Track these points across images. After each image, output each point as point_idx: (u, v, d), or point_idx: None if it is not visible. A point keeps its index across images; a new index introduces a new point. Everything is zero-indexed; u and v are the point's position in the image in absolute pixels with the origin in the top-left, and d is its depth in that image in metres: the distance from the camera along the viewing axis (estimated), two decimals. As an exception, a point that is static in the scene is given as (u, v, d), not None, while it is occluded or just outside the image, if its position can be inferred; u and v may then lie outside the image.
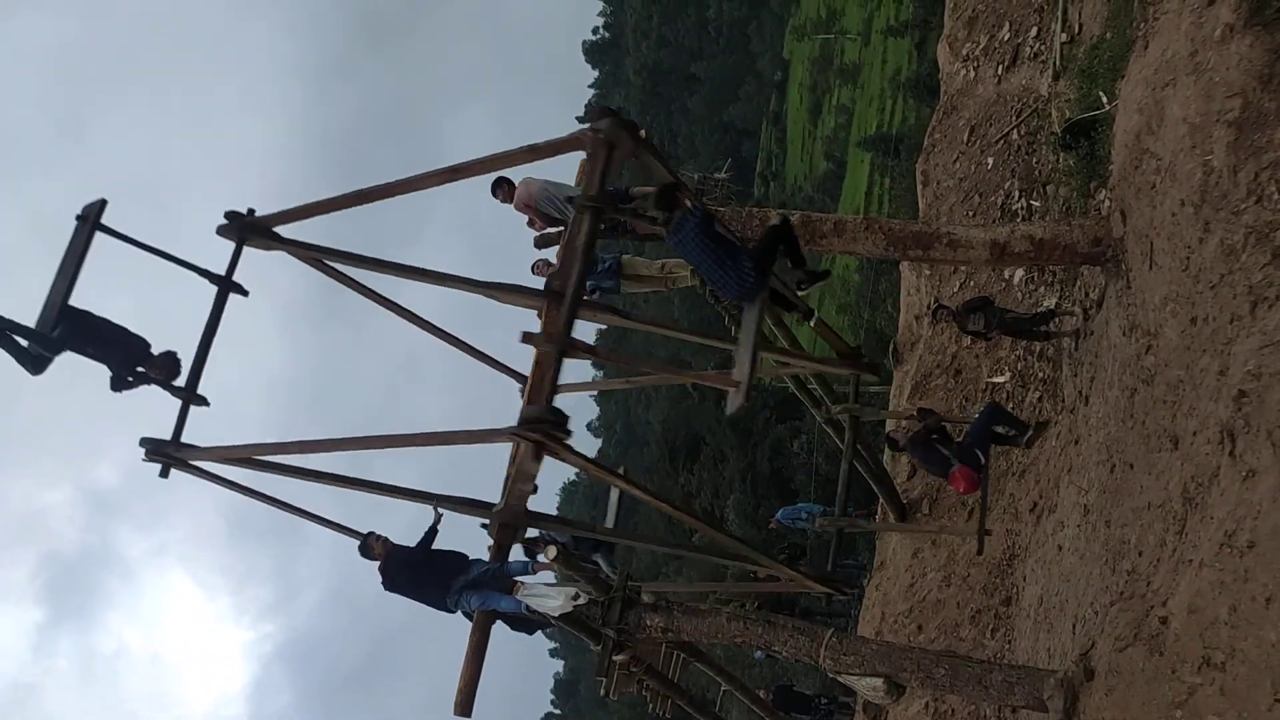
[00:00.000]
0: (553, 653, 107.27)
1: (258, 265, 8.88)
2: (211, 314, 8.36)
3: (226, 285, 8.42)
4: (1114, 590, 8.05)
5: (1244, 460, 6.53)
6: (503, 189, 10.35)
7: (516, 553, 8.90)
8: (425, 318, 10.25)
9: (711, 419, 55.28)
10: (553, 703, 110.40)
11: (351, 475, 8.45)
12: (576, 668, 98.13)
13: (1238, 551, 6.19)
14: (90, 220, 8.20)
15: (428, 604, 8.54)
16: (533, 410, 6.29)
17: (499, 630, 8.72)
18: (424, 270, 8.89)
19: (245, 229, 8.29)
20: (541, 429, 6.19)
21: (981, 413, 12.09)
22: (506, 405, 10.50)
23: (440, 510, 8.48)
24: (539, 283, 9.73)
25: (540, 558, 8.34)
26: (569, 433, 6.34)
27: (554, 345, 6.59)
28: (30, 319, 8.16)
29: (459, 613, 8.60)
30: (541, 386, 6.64)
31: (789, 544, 17.63)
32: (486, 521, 8.71)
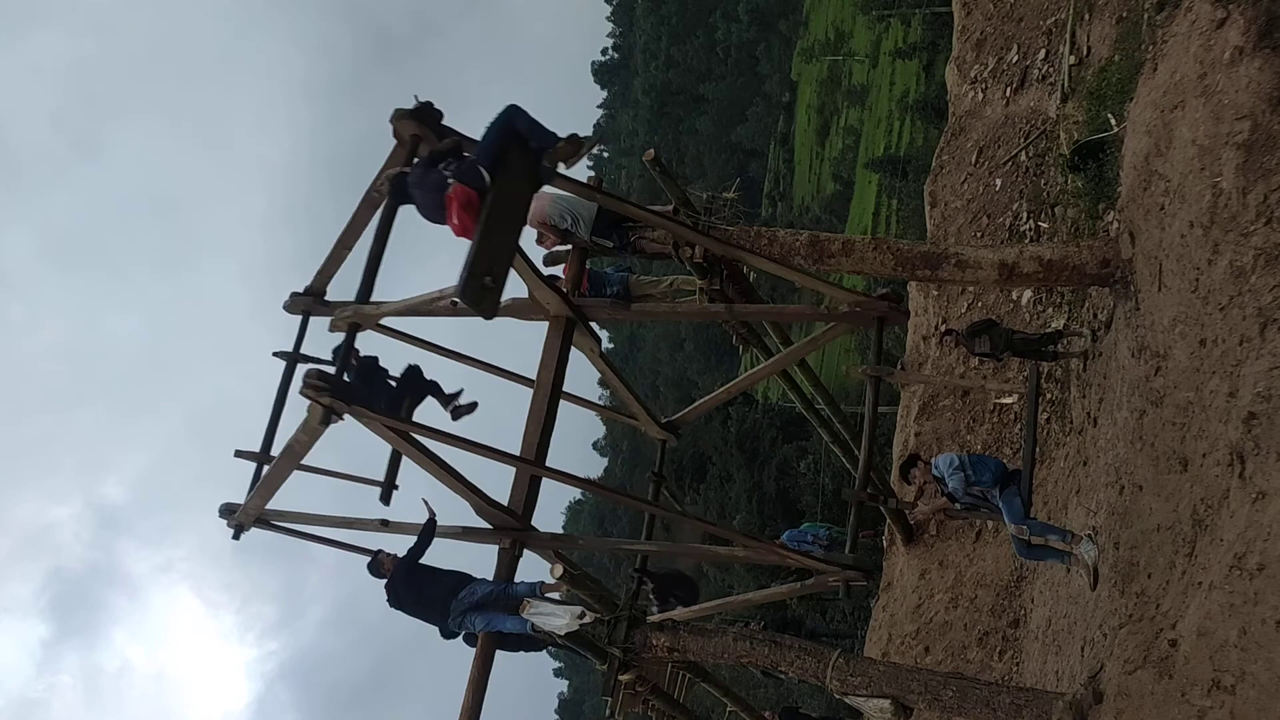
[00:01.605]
0: (557, 673, 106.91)
1: (263, 279, 8.97)
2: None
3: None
4: (1123, 613, 8.02)
5: (1254, 482, 6.50)
6: None
7: (522, 574, 8.88)
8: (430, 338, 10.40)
9: (718, 438, 55.26)
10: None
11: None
12: (581, 688, 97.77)
13: (1248, 574, 6.16)
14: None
15: (429, 622, 8.51)
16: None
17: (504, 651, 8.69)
18: None
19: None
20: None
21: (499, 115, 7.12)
22: (514, 416, 10.49)
23: (432, 508, 8.57)
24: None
25: (547, 578, 8.30)
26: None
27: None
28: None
29: (460, 634, 8.56)
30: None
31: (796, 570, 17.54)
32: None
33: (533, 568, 8.87)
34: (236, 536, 9.14)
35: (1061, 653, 9.90)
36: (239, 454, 9.52)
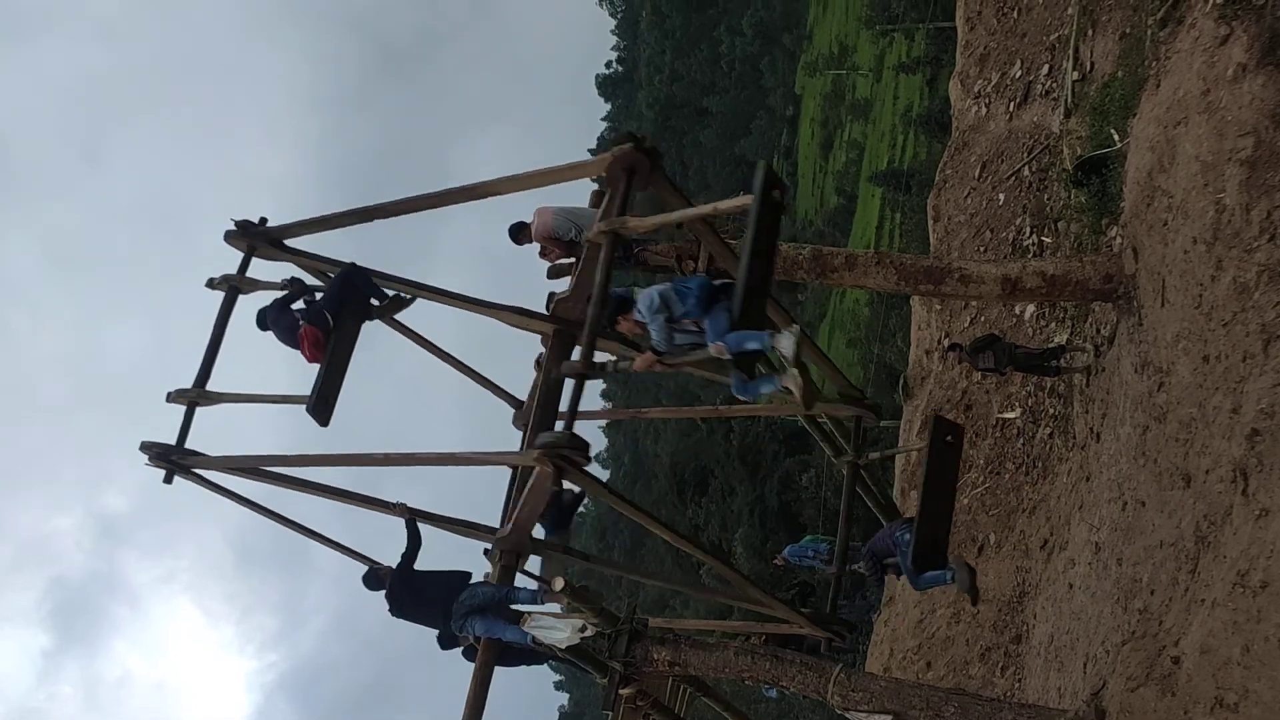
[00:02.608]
0: (558, 686, 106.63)
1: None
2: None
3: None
4: (1126, 629, 7.99)
5: (1257, 499, 6.49)
6: (525, 232, 10.38)
7: (523, 580, 8.85)
8: (433, 340, 10.32)
9: (720, 451, 55.20)
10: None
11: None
12: (582, 701, 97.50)
13: (1251, 591, 6.14)
14: None
15: (433, 627, 8.49)
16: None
17: (505, 666, 8.66)
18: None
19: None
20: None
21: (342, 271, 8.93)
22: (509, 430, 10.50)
23: (405, 508, 8.56)
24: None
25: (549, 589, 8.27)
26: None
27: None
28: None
29: (461, 640, 8.53)
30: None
31: (798, 581, 17.49)
32: (489, 546, 8.73)
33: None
34: None
35: (1064, 669, 9.86)
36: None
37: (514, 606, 8.19)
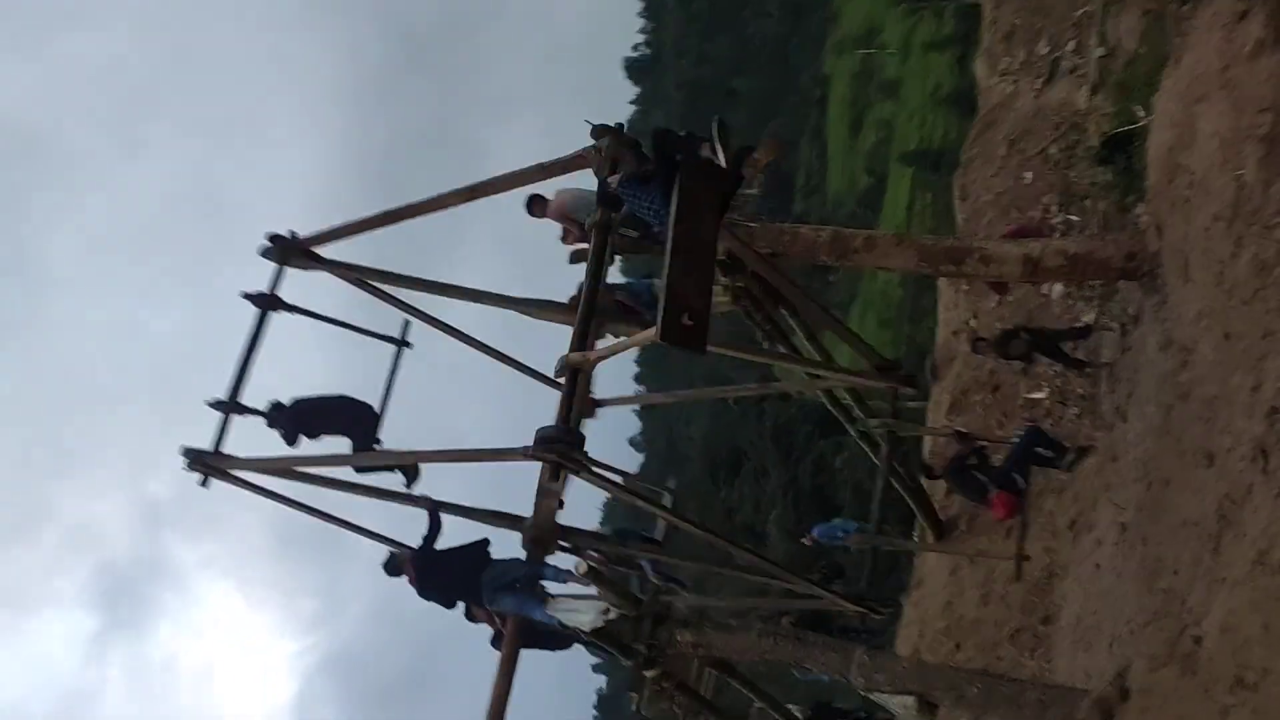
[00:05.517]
0: (596, 669, 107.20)
1: (301, 282, 9.15)
2: (252, 332, 8.85)
3: (268, 303, 8.90)
4: (1150, 609, 7.98)
5: (1277, 477, 6.47)
6: (538, 204, 10.39)
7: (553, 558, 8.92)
8: (466, 331, 10.45)
9: (753, 433, 55.16)
10: (595, 719, 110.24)
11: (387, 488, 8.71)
12: (620, 684, 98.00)
13: (1271, 569, 6.13)
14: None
15: (460, 599, 8.58)
16: (548, 430, 6.44)
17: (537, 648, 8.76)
18: (456, 287, 9.16)
19: (287, 251, 8.75)
20: (557, 449, 6.34)
21: (1022, 435, 12.21)
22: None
23: (428, 500, 8.48)
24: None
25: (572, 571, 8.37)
26: (584, 453, 6.51)
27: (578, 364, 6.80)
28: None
29: (495, 613, 8.61)
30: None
31: (827, 562, 17.52)
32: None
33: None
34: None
35: (1091, 649, 9.85)
36: None
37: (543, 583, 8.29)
